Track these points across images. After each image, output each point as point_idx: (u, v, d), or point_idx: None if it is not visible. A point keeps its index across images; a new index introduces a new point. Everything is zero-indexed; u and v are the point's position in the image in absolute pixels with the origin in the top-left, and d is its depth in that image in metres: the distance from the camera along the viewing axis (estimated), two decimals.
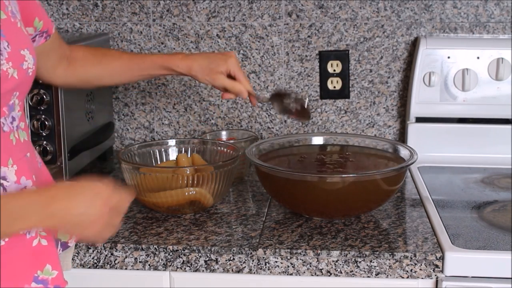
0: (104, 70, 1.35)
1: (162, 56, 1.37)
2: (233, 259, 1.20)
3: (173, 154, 1.50)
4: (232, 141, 1.56)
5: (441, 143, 1.69)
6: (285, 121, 1.80)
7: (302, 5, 1.74)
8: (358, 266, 1.18)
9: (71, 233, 1.05)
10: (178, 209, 1.35)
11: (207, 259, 1.20)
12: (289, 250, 1.19)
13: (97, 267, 1.23)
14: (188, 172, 1.33)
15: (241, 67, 1.76)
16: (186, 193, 1.33)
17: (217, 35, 1.77)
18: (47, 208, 0.93)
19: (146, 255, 1.21)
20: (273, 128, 1.81)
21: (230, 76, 1.34)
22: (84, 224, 0.95)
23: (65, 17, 1.79)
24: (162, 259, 1.21)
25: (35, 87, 1.42)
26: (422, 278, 1.18)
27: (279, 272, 1.20)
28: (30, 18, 1.16)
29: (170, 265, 1.21)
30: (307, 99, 1.43)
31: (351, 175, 1.30)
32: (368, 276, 1.18)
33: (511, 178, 1.56)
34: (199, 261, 1.21)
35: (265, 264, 1.20)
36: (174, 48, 1.78)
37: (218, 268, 1.21)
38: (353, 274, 1.19)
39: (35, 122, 1.44)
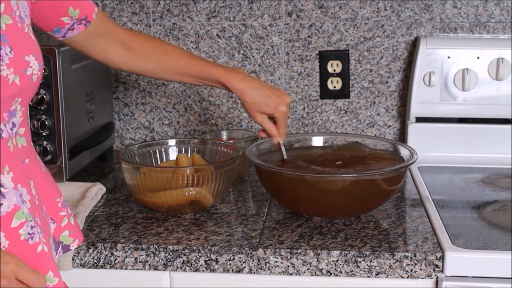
0: (160, 67, 1.33)
1: (220, 69, 1.33)
2: (233, 259, 1.20)
3: (173, 154, 1.50)
4: (232, 141, 1.56)
5: (441, 143, 1.69)
6: None
7: (302, 5, 1.74)
8: (358, 266, 1.18)
9: None
10: (178, 209, 1.35)
11: (207, 259, 1.20)
12: (289, 250, 1.19)
13: (97, 267, 1.23)
14: (188, 172, 1.33)
15: (242, 67, 1.77)
16: (186, 193, 1.33)
17: (217, 35, 1.77)
18: None
19: (146, 255, 1.21)
20: None
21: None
22: None
23: None
24: (162, 259, 1.21)
25: None
26: (422, 278, 1.18)
27: (279, 272, 1.20)
28: (64, 9, 1.17)
29: (170, 265, 1.21)
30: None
31: (351, 175, 1.30)
32: (368, 276, 1.18)
33: (511, 178, 1.56)
34: (199, 261, 1.21)
35: (265, 264, 1.20)
36: None
37: (218, 268, 1.21)
38: (353, 274, 1.19)
39: (35, 122, 1.44)
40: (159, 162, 1.49)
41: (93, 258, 1.22)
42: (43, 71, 1.06)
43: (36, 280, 0.96)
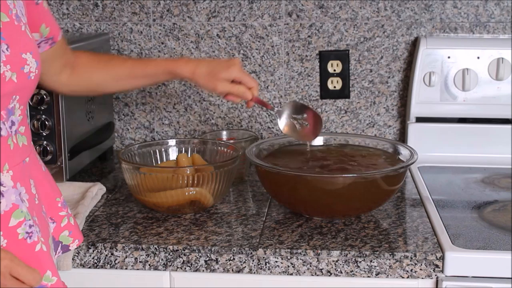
0: (108, 75, 1.32)
1: (166, 60, 1.36)
2: (233, 259, 1.20)
3: (173, 154, 1.50)
4: (232, 141, 1.56)
5: (441, 143, 1.69)
6: None
7: (302, 5, 1.74)
8: (358, 266, 1.18)
9: None
10: (178, 209, 1.35)
11: (207, 259, 1.20)
12: (289, 250, 1.19)
13: (97, 267, 1.23)
14: (188, 172, 1.33)
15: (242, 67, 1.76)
16: (186, 193, 1.33)
17: (217, 35, 1.77)
18: None
19: (146, 255, 1.21)
20: (273, 128, 1.81)
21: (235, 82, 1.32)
22: None
23: (65, 17, 1.79)
24: (162, 259, 1.21)
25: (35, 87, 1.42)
26: (422, 278, 1.18)
27: (279, 272, 1.20)
28: (37, 24, 1.15)
29: (170, 265, 1.21)
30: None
31: (351, 175, 1.30)
32: (368, 276, 1.18)
33: (511, 178, 1.56)
34: (199, 261, 1.21)
35: (265, 264, 1.20)
36: (174, 48, 1.78)
37: (218, 268, 1.21)
38: (353, 274, 1.19)
39: (35, 122, 1.44)
40: (159, 162, 1.49)
41: (93, 258, 1.22)
42: (40, 69, 1.06)
43: (30, 276, 0.96)
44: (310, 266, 1.19)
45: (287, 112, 1.40)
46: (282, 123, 1.39)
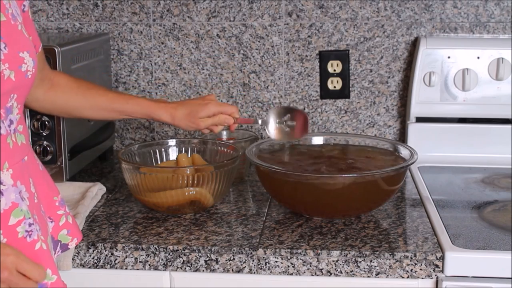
0: (86, 102, 1.31)
1: (146, 101, 1.34)
2: (233, 259, 1.20)
3: (173, 154, 1.50)
4: (232, 141, 1.56)
5: (441, 143, 1.69)
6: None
7: (302, 5, 1.74)
8: (358, 266, 1.18)
9: None
10: (178, 209, 1.35)
11: (207, 259, 1.20)
12: (289, 250, 1.19)
13: (97, 267, 1.23)
14: (188, 172, 1.33)
15: (242, 67, 1.77)
16: (186, 193, 1.33)
17: (217, 35, 1.77)
18: None
19: (146, 255, 1.21)
20: None
21: None
22: None
23: (65, 17, 1.79)
24: (162, 259, 1.21)
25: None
26: (422, 278, 1.18)
27: (279, 272, 1.20)
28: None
29: (170, 265, 1.21)
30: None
31: (351, 175, 1.30)
32: (368, 276, 1.18)
33: (511, 178, 1.56)
34: (199, 261, 1.21)
35: (265, 264, 1.20)
36: (174, 48, 1.78)
37: (218, 268, 1.21)
38: (353, 274, 1.19)
39: (35, 122, 1.44)
40: (159, 162, 1.49)
41: (93, 258, 1.22)
42: (37, 68, 1.06)
43: (36, 272, 0.97)
44: (310, 266, 1.19)
45: (271, 119, 1.40)
46: (271, 130, 1.40)
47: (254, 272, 1.20)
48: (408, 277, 1.18)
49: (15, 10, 1.05)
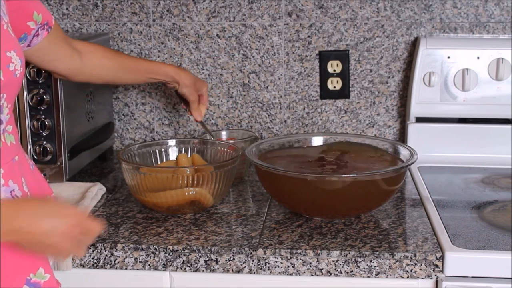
0: (116, 64, 1.43)
1: (165, 64, 1.53)
2: (233, 259, 1.20)
3: (173, 154, 1.50)
4: (232, 141, 1.56)
5: (441, 143, 1.69)
6: (285, 121, 1.80)
7: (302, 5, 1.74)
8: (358, 266, 1.18)
9: (32, 251, 0.99)
10: (178, 209, 1.35)
11: (207, 259, 1.20)
12: (289, 250, 1.19)
13: (97, 267, 1.23)
14: (188, 172, 1.33)
15: (241, 67, 1.77)
16: (186, 193, 1.33)
17: (217, 35, 1.77)
18: (11, 223, 0.91)
19: (146, 255, 1.21)
20: (273, 128, 1.81)
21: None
22: (45, 244, 0.94)
23: (65, 17, 1.79)
24: (162, 259, 1.21)
25: (35, 87, 1.42)
26: (422, 278, 1.18)
27: (279, 272, 1.20)
28: (29, 12, 1.18)
29: (170, 265, 1.21)
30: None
31: (351, 175, 1.30)
32: (368, 276, 1.18)
33: (511, 178, 1.56)
34: (199, 261, 1.21)
35: (265, 264, 1.20)
36: (174, 48, 1.78)
37: (218, 268, 1.21)
38: (353, 274, 1.19)
39: (35, 122, 1.44)
40: (159, 162, 1.49)
41: (93, 258, 1.22)
42: (25, 67, 1.07)
43: (97, 227, 0.99)
44: (310, 266, 1.19)
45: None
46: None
47: (254, 272, 1.20)
48: (408, 277, 1.18)
49: (2, 9, 1.05)
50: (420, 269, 1.17)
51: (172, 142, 1.52)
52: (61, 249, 0.96)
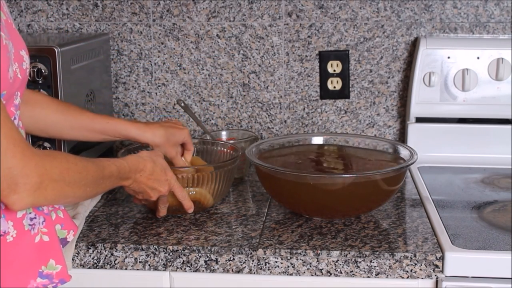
0: (66, 121, 1.30)
1: (125, 122, 1.36)
2: (233, 259, 1.20)
3: None
4: (232, 141, 1.56)
5: (441, 143, 1.69)
6: (285, 121, 1.80)
7: (302, 5, 1.74)
8: (358, 266, 1.18)
9: (147, 189, 1.22)
10: (178, 209, 1.35)
11: (207, 259, 1.20)
12: (289, 250, 1.19)
13: (97, 267, 1.23)
14: (188, 172, 1.33)
15: (241, 67, 1.77)
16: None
17: (217, 35, 1.77)
18: (137, 165, 1.18)
19: (146, 255, 1.21)
20: (273, 128, 1.81)
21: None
22: (162, 180, 1.23)
23: (65, 17, 1.79)
24: (162, 259, 1.21)
25: (35, 87, 1.42)
26: (422, 278, 1.18)
27: (279, 272, 1.20)
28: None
29: (170, 265, 1.21)
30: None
31: (351, 175, 1.30)
32: (368, 276, 1.18)
33: (511, 178, 1.56)
34: (199, 261, 1.21)
35: (265, 264, 1.20)
36: (174, 48, 1.78)
37: (218, 268, 1.21)
38: (353, 274, 1.19)
39: None
40: None
41: (93, 258, 1.22)
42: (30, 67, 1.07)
43: (189, 203, 1.29)
44: (310, 266, 1.19)
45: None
46: None
47: (254, 273, 1.20)
48: (408, 277, 1.18)
49: (6, 8, 1.06)
50: (420, 269, 1.17)
51: None
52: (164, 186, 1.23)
